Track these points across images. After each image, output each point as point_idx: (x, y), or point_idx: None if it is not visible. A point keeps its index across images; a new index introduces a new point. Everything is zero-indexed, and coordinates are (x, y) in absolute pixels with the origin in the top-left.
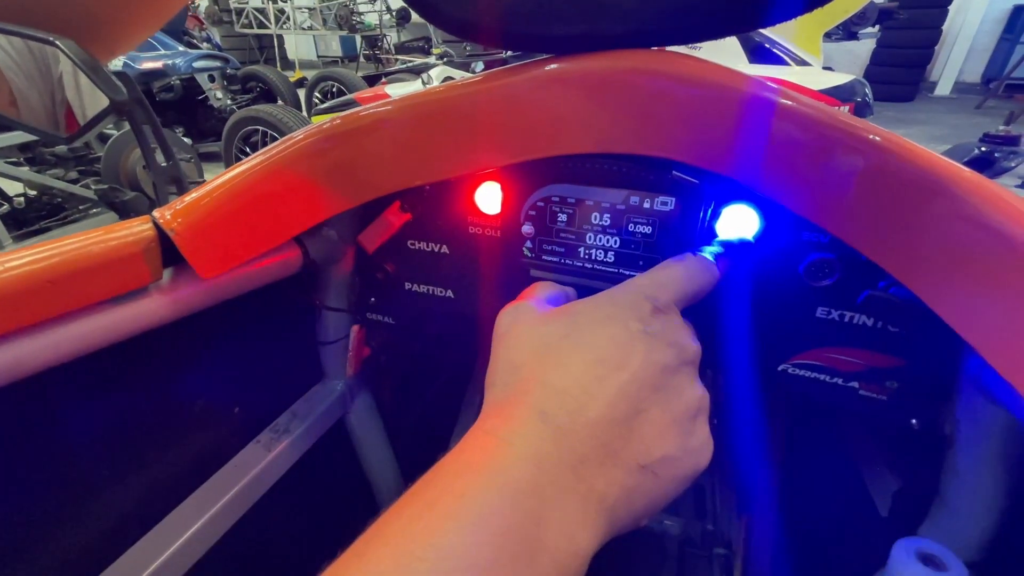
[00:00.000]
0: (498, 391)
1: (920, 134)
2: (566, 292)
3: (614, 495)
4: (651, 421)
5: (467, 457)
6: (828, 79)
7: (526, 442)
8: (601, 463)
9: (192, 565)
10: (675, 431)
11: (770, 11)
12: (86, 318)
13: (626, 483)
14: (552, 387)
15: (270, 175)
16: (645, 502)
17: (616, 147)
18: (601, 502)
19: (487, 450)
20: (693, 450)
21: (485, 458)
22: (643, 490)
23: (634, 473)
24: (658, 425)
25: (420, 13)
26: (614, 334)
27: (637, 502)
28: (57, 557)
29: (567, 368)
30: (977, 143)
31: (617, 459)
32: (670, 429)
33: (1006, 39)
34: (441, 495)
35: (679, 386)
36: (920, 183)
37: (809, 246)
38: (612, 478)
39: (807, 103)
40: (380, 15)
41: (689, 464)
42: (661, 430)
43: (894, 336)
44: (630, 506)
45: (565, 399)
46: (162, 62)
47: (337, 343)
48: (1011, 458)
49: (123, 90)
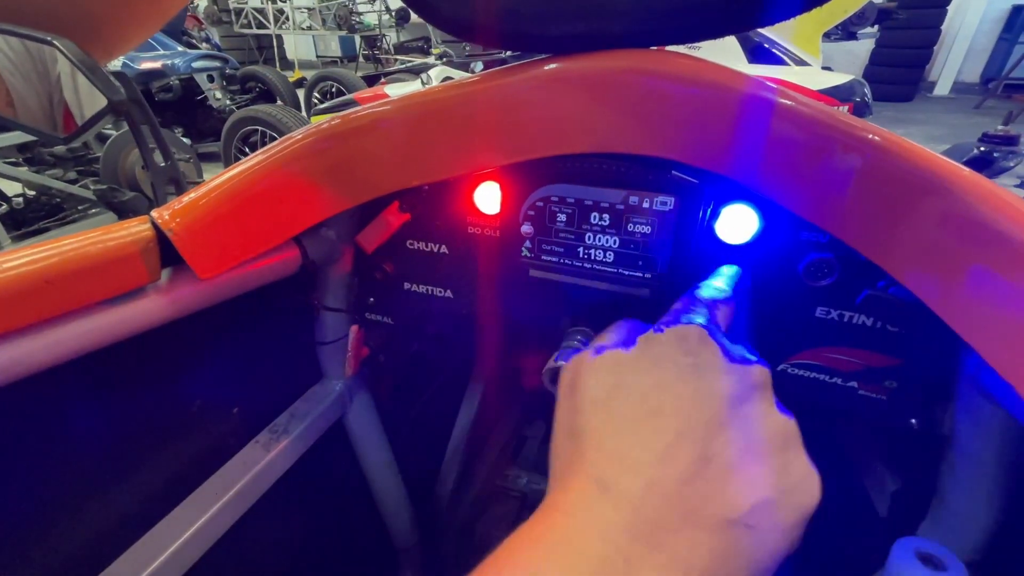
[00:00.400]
0: (559, 462)
1: (919, 134)
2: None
3: (703, 559)
4: (728, 466)
5: (534, 532)
6: (827, 79)
7: (588, 515)
8: (678, 527)
9: (191, 566)
10: (762, 469)
11: (768, 11)
12: (84, 318)
13: (715, 545)
14: (607, 450)
15: (268, 175)
16: (748, 562)
17: (615, 147)
18: (687, 572)
19: (553, 526)
20: (792, 488)
21: (550, 534)
22: (740, 550)
23: (723, 531)
24: (739, 467)
25: (418, 13)
26: (662, 378)
27: (737, 564)
28: (55, 558)
29: (620, 425)
30: (976, 143)
31: (697, 519)
32: (755, 468)
33: (1004, 39)
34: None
35: (753, 415)
36: (918, 182)
37: (808, 246)
38: (695, 541)
39: (805, 103)
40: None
41: (791, 506)
42: (744, 472)
43: (893, 336)
44: (729, 570)
45: (624, 462)
46: (161, 62)
47: (336, 343)
48: (1010, 458)
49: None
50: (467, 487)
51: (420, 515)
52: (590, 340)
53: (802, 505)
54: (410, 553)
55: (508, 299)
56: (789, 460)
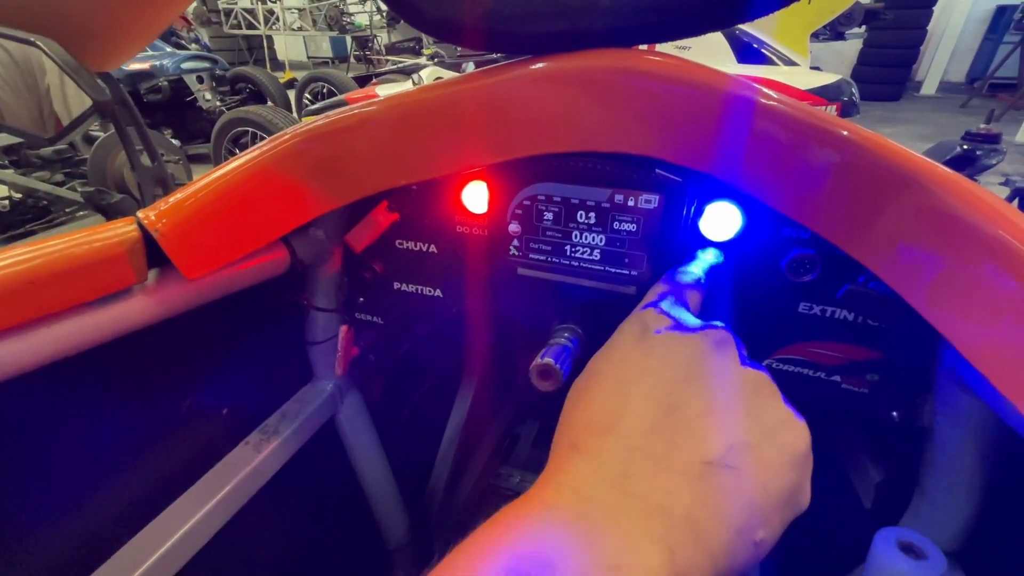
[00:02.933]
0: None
1: (906, 132)
2: None
3: (684, 504)
4: (696, 414)
5: (519, 502)
6: (815, 79)
7: (563, 476)
8: (651, 475)
9: (181, 567)
10: (734, 414)
11: (747, 7)
12: (70, 320)
13: (697, 488)
14: (579, 422)
15: (256, 175)
16: (737, 503)
17: (600, 146)
18: (668, 514)
19: (534, 495)
20: (772, 430)
21: (532, 500)
22: (725, 489)
23: (703, 474)
24: (709, 413)
25: (401, 15)
26: (625, 353)
27: (724, 504)
28: (44, 560)
29: (591, 400)
30: (959, 141)
31: (670, 464)
32: (726, 413)
33: (989, 39)
34: (491, 531)
35: (717, 369)
36: (894, 179)
37: (790, 242)
38: (673, 486)
39: (786, 101)
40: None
41: (775, 446)
42: (715, 418)
43: (874, 330)
44: (716, 511)
45: (591, 427)
46: (149, 63)
47: (326, 343)
48: (987, 448)
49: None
50: (459, 486)
51: (412, 515)
52: (578, 337)
53: (787, 444)
54: (402, 553)
55: (497, 298)
56: (763, 405)
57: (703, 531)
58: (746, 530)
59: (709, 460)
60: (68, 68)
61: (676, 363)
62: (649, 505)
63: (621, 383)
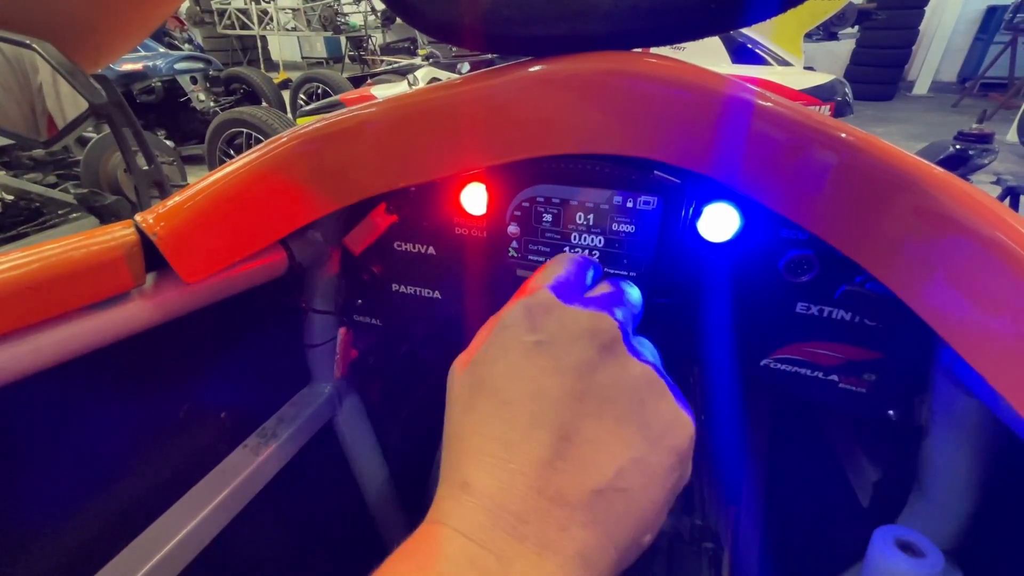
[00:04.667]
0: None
1: (899, 132)
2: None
3: (579, 539)
4: (588, 438)
5: (409, 547)
6: (809, 79)
7: (455, 520)
8: (545, 514)
9: (180, 571)
10: (624, 431)
11: (747, 11)
12: (68, 324)
13: (588, 519)
14: (468, 451)
15: (254, 178)
16: (630, 522)
17: (598, 147)
18: (560, 552)
19: (424, 537)
20: (659, 436)
21: (422, 545)
22: (616, 515)
23: (593, 503)
24: (599, 437)
25: (400, 15)
26: (511, 364)
27: (614, 529)
28: (42, 564)
29: (477, 423)
30: (952, 141)
31: (563, 500)
32: (615, 433)
33: (980, 39)
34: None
35: (607, 380)
36: (890, 179)
37: (788, 243)
38: (566, 521)
39: (782, 103)
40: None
41: (663, 451)
42: (605, 440)
43: (871, 330)
44: (607, 535)
45: (483, 459)
46: (142, 64)
47: (324, 346)
48: (984, 447)
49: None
50: None
51: (411, 518)
52: None
53: (674, 445)
54: None
55: (496, 299)
56: (650, 411)
57: (594, 559)
58: (634, 541)
59: (600, 488)
60: (63, 70)
61: (565, 380)
62: (541, 546)
63: (508, 406)
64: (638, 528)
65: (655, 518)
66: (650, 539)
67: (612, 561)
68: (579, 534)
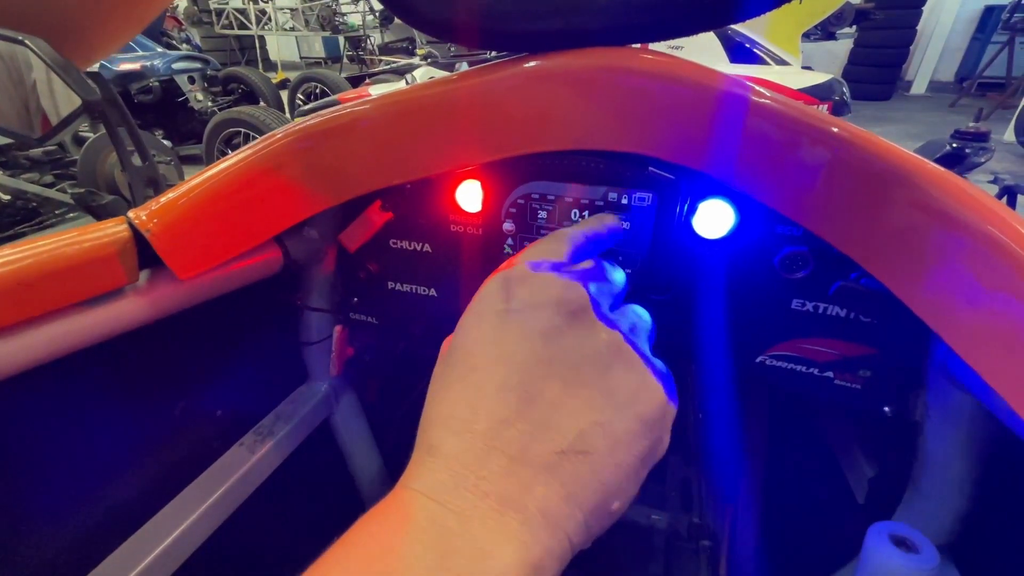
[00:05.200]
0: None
1: (897, 131)
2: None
3: (541, 497)
4: (551, 401)
5: (377, 510)
6: (807, 78)
7: (419, 481)
8: (507, 473)
9: (176, 569)
10: (587, 394)
11: (741, 7)
12: (60, 321)
13: (550, 479)
14: (437, 417)
15: (248, 174)
16: (594, 485)
17: (594, 144)
18: (522, 511)
19: (391, 500)
20: (625, 402)
21: (389, 508)
22: (578, 476)
23: (554, 465)
24: (562, 400)
25: (396, 13)
26: (483, 333)
27: (577, 491)
28: (37, 563)
29: (448, 391)
30: (948, 139)
31: (526, 459)
32: (579, 396)
33: (977, 39)
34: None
35: (573, 345)
36: (884, 175)
37: (783, 239)
38: (528, 481)
39: (778, 99)
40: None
41: (629, 418)
42: (568, 403)
43: (866, 326)
44: (570, 498)
45: (449, 423)
46: (140, 63)
47: (320, 343)
48: (978, 443)
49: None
50: None
51: None
52: None
53: (641, 412)
54: None
55: None
56: (616, 378)
57: (557, 519)
58: (601, 506)
59: (562, 450)
60: (57, 67)
61: (531, 345)
62: (503, 503)
63: (476, 372)
64: (604, 492)
65: (623, 483)
66: (619, 507)
67: (578, 523)
68: (541, 492)
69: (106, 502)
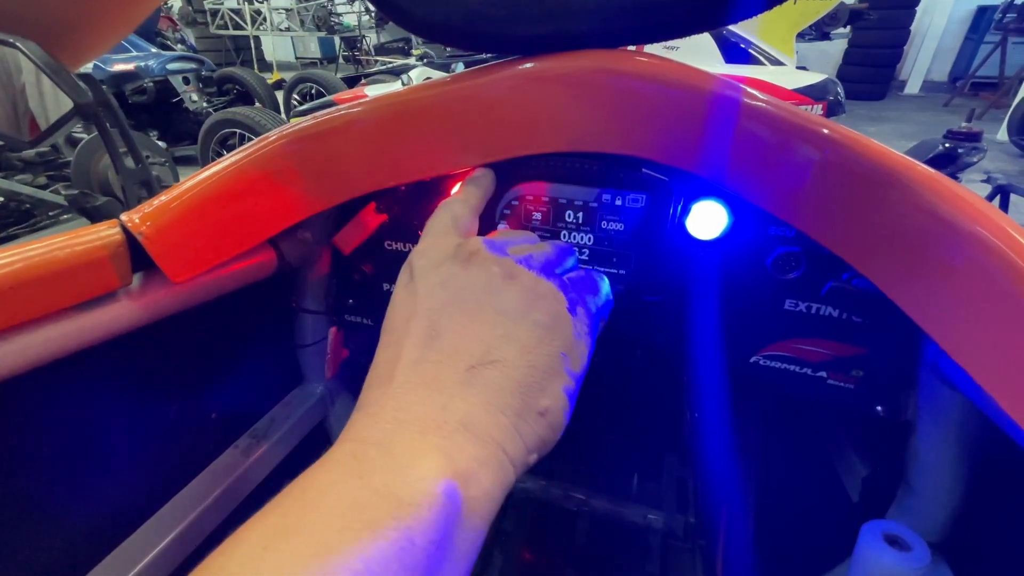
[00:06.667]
0: None
1: (891, 131)
2: None
3: (460, 411)
4: (455, 330)
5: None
6: (801, 78)
7: (347, 432)
8: (422, 399)
9: (171, 572)
10: (485, 316)
11: (733, 9)
12: (52, 324)
13: (464, 393)
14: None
15: (242, 177)
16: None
17: (587, 146)
18: (442, 426)
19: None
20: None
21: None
22: (492, 383)
23: (467, 380)
24: (464, 327)
25: (387, 15)
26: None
27: (494, 397)
28: (32, 566)
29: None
30: (941, 139)
31: (439, 384)
32: (478, 319)
33: (971, 39)
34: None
35: (466, 283)
36: (874, 176)
37: (776, 240)
38: (444, 401)
39: (770, 101)
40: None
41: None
42: (470, 328)
43: (858, 326)
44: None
45: (373, 382)
46: (134, 64)
47: (315, 346)
48: (969, 442)
49: (87, 92)
50: None
51: None
52: None
53: (541, 317)
54: None
55: None
56: (504, 297)
57: (480, 427)
58: (526, 408)
59: (471, 365)
60: (48, 69)
61: (434, 294)
62: (423, 425)
63: (391, 333)
64: (524, 393)
65: (542, 382)
66: (548, 404)
67: (505, 428)
68: (459, 406)
69: (101, 506)
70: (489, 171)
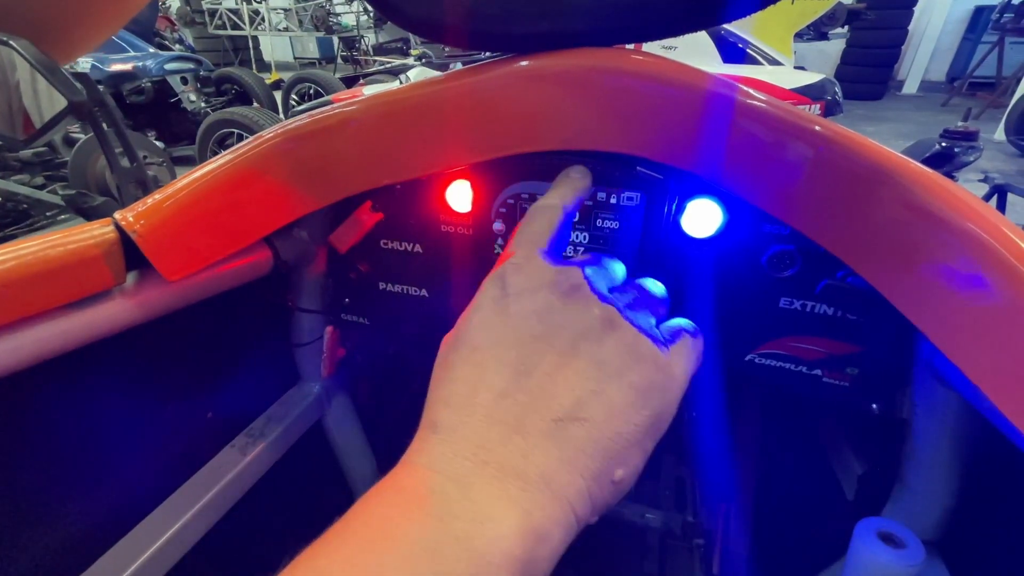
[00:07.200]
0: None
1: (889, 131)
2: None
3: (540, 464)
4: (547, 372)
5: (381, 486)
6: (799, 78)
7: (421, 456)
8: (505, 440)
9: (167, 571)
10: (581, 365)
11: (728, 8)
12: (47, 323)
13: (547, 446)
14: (440, 398)
15: (237, 175)
16: (594, 452)
17: (582, 144)
18: (522, 476)
19: (394, 475)
20: (618, 371)
21: (391, 482)
22: (576, 442)
23: (552, 432)
24: (557, 371)
25: (383, 13)
26: (483, 318)
27: (576, 457)
28: (28, 566)
29: (450, 373)
30: (938, 139)
31: (523, 428)
32: (573, 367)
33: (968, 39)
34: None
35: (567, 322)
36: (868, 174)
37: (770, 238)
38: (527, 448)
39: (765, 100)
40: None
41: (624, 388)
42: (563, 374)
43: (853, 324)
44: (569, 464)
45: (451, 400)
46: (132, 64)
47: (312, 344)
48: (964, 439)
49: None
50: None
51: None
52: None
53: (635, 382)
54: None
55: None
56: (608, 349)
57: (558, 485)
58: (603, 474)
59: (558, 417)
60: (42, 68)
61: (526, 324)
62: (503, 471)
63: (477, 351)
64: (605, 459)
65: (623, 452)
66: (623, 475)
67: (580, 491)
68: (541, 459)
69: (97, 504)
70: (586, 170)
